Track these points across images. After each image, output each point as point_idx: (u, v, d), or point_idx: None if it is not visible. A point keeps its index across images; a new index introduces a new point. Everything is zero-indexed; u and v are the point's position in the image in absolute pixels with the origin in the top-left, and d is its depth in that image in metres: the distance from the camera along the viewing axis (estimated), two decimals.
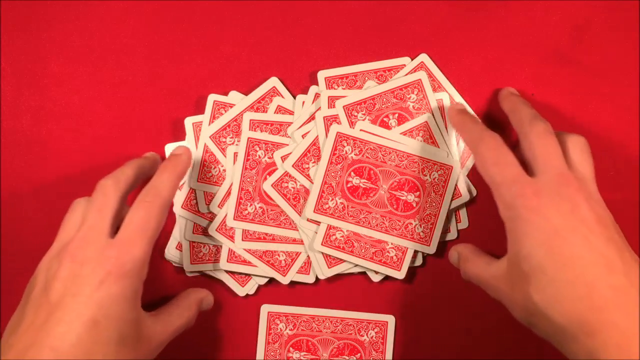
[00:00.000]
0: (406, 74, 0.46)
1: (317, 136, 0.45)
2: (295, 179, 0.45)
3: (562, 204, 0.35)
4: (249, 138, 0.45)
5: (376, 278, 0.46)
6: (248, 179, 0.45)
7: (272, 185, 0.45)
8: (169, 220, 0.46)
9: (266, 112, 0.46)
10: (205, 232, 0.45)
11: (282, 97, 0.46)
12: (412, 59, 0.46)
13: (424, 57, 0.46)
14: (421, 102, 0.45)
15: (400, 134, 0.45)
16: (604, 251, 0.34)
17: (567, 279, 0.34)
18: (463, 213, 0.46)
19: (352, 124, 0.45)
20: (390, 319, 0.46)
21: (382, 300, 0.47)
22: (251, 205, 0.45)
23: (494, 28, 0.47)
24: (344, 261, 0.45)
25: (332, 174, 0.45)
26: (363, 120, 0.45)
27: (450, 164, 0.45)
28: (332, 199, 0.44)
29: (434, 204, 0.45)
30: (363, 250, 0.45)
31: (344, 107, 0.45)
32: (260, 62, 0.47)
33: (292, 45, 0.47)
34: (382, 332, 0.46)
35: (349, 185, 0.45)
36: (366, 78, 0.46)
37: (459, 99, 0.46)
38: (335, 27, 0.47)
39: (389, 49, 0.47)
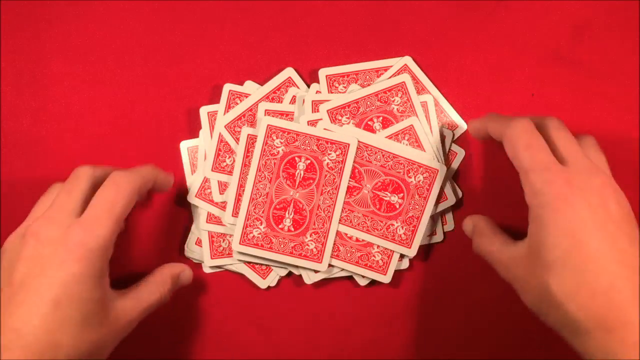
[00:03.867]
0: (390, 77, 0.46)
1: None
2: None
3: (592, 197, 0.35)
4: (248, 134, 0.45)
5: (363, 282, 0.45)
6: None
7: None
8: (187, 216, 0.46)
9: (281, 102, 0.46)
10: (219, 221, 0.45)
11: (298, 87, 0.46)
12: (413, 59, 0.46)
13: (407, 60, 0.46)
14: (405, 105, 0.45)
15: (386, 137, 0.45)
16: (628, 250, 0.34)
17: (591, 272, 0.33)
18: (449, 215, 0.46)
19: None
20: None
21: (372, 304, 0.47)
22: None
23: (493, 28, 0.47)
24: (330, 266, 0.45)
25: None
26: (347, 124, 0.45)
27: (435, 167, 0.45)
28: None
29: (417, 207, 0.45)
30: (349, 255, 0.45)
31: (328, 111, 0.45)
32: (260, 59, 0.47)
33: (294, 43, 0.47)
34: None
35: None
36: (367, 77, 0.46)
37: (443, 101, 0.46)
38: (337, 25, 0.47)
39: (389, 48, 0.47)
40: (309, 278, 0.45)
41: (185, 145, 0.46)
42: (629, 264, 0.33)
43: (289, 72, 0.46)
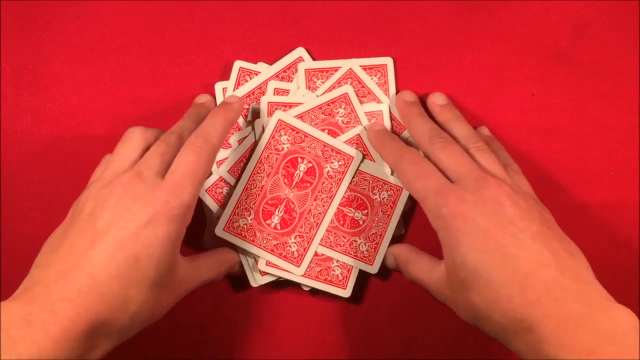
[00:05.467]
0: (331, 89, 0.45)
1: (253, 142, 0.44)
2: (230, 185, 0.45)
3: (486, 206, 0.36)
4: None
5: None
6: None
7: (206, 191, 0.45)
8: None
9: (291, 81, 0.46)
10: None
11: None
12: (393, 60, 0.46)
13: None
14: (350, 116, 0.45)
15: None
16: (533, 246, 0.35)
17: (502, 279, 0.34)
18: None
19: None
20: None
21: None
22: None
23: (493, 28, 0.47)
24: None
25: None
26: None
27: (400, 185, 0.44)
28: None
29: (380, 224, 0.44)
30: (308, 270, 0.44)
31: (279, 120, 0.44)
32: (259, 59, 0.47)
33: (293, 43, 0.47)
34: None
35: None
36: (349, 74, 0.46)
37: (385, 109, 0.45)
38: (337, 25, 0.47)
39: (389, 48, 0.47)
40: (255, 281, 0.44)
41: (219, 87, 0.46)
42: (536, 259, 0.34)
43: (300, 52, 0.46)
